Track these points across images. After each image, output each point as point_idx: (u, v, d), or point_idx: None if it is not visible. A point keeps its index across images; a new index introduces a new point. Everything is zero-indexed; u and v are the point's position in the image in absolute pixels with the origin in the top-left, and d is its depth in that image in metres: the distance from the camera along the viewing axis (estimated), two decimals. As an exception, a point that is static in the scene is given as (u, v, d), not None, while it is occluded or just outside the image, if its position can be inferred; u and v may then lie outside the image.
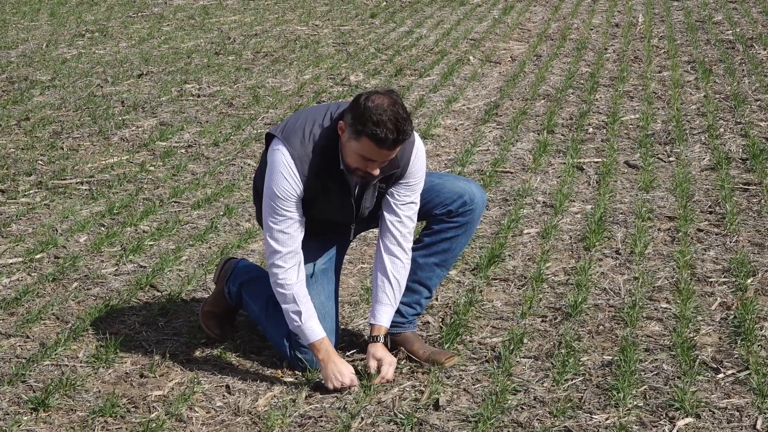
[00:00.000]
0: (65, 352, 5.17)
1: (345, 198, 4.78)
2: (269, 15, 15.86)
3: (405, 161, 4.76)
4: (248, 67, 12.17)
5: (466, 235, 4.97)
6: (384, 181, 4.79)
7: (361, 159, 4.54)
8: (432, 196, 4.89)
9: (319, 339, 4.73)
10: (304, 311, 4.73)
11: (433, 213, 4.92)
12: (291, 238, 4.72)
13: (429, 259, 4.98)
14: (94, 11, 16.39)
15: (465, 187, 4.89)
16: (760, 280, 5.91)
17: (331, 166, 4.68)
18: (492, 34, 14.08)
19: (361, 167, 4.57)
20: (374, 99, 4.46)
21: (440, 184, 4.91)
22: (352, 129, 4.49)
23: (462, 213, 4.89)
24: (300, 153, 4.66)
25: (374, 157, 4.51)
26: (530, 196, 7.41)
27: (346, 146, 4.57)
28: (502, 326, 5.41)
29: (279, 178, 4.66)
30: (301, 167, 4.65)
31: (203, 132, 9.40)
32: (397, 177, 4.80)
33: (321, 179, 4.68)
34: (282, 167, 4.65)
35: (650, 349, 5.08)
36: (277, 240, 4.71)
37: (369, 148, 4.47)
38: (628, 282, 5.92)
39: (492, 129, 9.36)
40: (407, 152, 4.74)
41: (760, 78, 10.89)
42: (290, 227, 4.71)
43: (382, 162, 4.56)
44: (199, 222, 7.08)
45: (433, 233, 4.95)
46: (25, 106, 10.40)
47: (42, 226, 6.99)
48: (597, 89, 10.70)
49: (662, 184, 7.62)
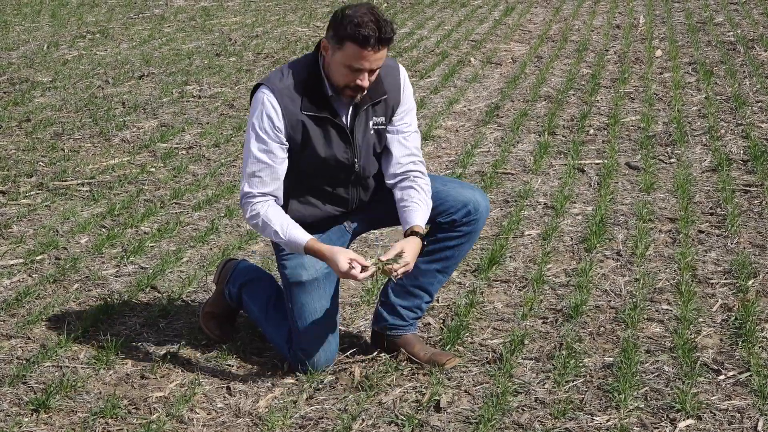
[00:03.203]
0: (66, 354, 5.17)
1: (337, 130, 4.74)
2: (270, 16, 15.86)
3: (395, 87, 4.83)
4: (249, 69, 12.17)
5: (470, 242, 4.95)
6: (380, 114, 4.81)
7: (349, 70, 4.57)
8: (436, 203, 4.85)
9: (306, 243, 4.65)
10: (280, 227, 4.66)
11: (437, 221, 4.89)
12: (262, 183, 4.69)
13: (431, 266, 4.96)
14: (95, 13, 16.39)
15: (470, 197, 4.86)
16: (762, 281, 5.91)
17: (316, 96, 4.69)
18: (493, 35, 14.08)
19: (349, 82, 4.59)
20: (351, 8, 4.55)
21: (445, 191, 4.87)
22: (334, 40, 4.55)
23: (466, 222, 4.86)
24: (280, 87, 4.67)
25: (361, 63, 4.53)
26: (531, 198, 7.41)
27: (332, 63, 4.61)
28: (502, 328, 5.41)
29: (259, 114, 4.67)
30: (282, 100, 4.65)
31: (204, 133, 9.41)
32: (395, 106, 4.85)
33: (307, 112, 4.67)
34: (262, 104, 4.66)
35: (651, 351, 5.08)
36: (250, 183, 4.70)
37: (353, 53, 4.51)
38: (629, 283, 5.92)
39: (493, 130, 9.36)
40: (395, 79, 4.85)
41: (761, 79, 10.88)
42: (263, 171, 4.68)
43: (370, 72, 4.58)
44: (200, 223, 7.08)
45: (437, 241, 4.92)
46: (26, 107, 10.40)
47: (43, 227, 6.99)
48: (598, 91, 10.70)
49: (663, 185, 7.62)
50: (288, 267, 4.88)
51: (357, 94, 4.67)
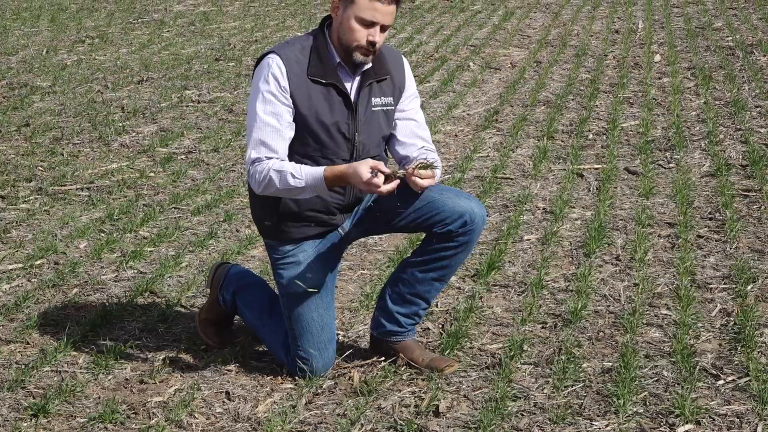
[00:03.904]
0: (65, 358, 5.16)
1: (342, 98, 4.75)
2: (269, 21, 15.88)
3: (399, 68, 4.91)
4: (248, 74, 12.17)
5: (466, 252, 4.92)
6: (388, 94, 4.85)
7: (361, 26, 4.62)
8: (432, 213, 4.81)
9: (324, 173, 4.58)
10: (293, 168, 4.59)
11: (433, 231, 4.85)
12: (268, 148, 4.65)
13: (428, 275, 4.93)
14: (95, 17, 16.40)
15: (466, 206, 4.81)
16: (761, 286, 5.91)
17: (322, 63, 4.72)
18: (492, 40, 14.09)
19: (361, 39, 4.63)
20: None
21: (441, 201, 4.82)
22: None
23: (463, 233, 4.83)
24: (287, 52, 4.71)
25: (373, 14, 4.59)
26: (530, 203, 7.42)
27: (343, 22, 4.66)
28: (502, 332, 5.41)
29: (265, 76, 4.68)
30: (288, 64, 4.67)
31: (203, 138, 9.41)
32: (401, 87, 4.91)
33: (312, 77, 4.69)
34: (268, 66, 4.69)
35: (650, 356, 5.08)
36: (256, 149, 4.66)
37: (365, 5, 4.58)
38: (628, 288, 5.92)
39: (492, 135, 9.37)
40: (398, 61, 4.94)
41: (760, 84, 10.89)
42: (270, 135, 4.66)
43: (381, 28, 4.63)
44: (199, 228, 7.08)
45: (433, 251, 4.89)
46: (25, 112, 10.40)
47: (42, 232, 6.99)
48: (597, 95, 10.71)
49: (662, 190, 7.62)
50: (285, 277, 4.88)
51: (369, 55, 4.70)
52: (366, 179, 4.44)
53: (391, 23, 4.70)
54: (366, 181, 4.45)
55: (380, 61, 4.83)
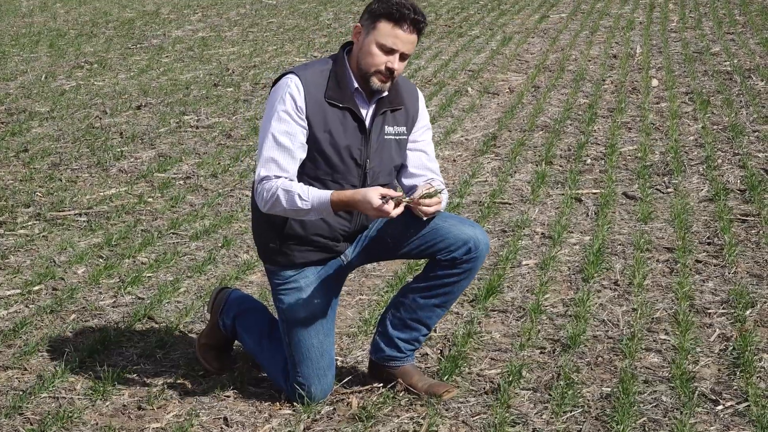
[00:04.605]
0: (63, 384, 5.16)
1: (357, 123, 4.77)
2: (268, 46, 15.90)
3: (414, 99, 4.96)
4: (247, 99, 12.20)
5: (469, 279, 4.92)
6: (401, 123, 4.88)
7: (381, 52, 4.67)
8: (436, 240, 4.83)
9: (331, 197, 4.57)
10: (301, 190, 4.59)
11: (437, 258, 4.86)
12: (279, 167, 4.65)
13: (430, 300, 4.93)
14: (93, 43, 16.43)
15: (470, 234, 4.81)
16: (759, 311, 5.90)
17: (340, 87, 4.75)
18: (490, 65, 14.11)
19: (380, 64, 4.67)
20: None
21: (445, 228, 4.83)
22: (368, 21, 4.69)
23: (467, 260, 4.83)
24: (305, 74, 4.74)
25: (393, 41, 4.66)
26: (528, 228, 7.42)
27: (363, 47, 4.71)
28: (500, 358, 5.40)
29: (282, 96, 4.70)
30: (306, 85, 4.70)
31: (202, 163, 9.41)
32: (415, 116, 4.94)
33: (330, 100, 4.71)
34: (286, 86, 4.71)
35: (649, 381, 5.07)
36: (266, 167, 4.66)
37: (387, 31, 4.65)
38: (627, 313, 5.92)
39: (490, 160, 9.37)
40: (413, 93, 4.99)
41: (757, 109, 10.91)
42: (282, 155, 4.66)
43: (401, 56, 4.69)
44: (198, 253, 7.08)
45: (436, 277, 4.89)
46: (24, 137, 10.41)
47: (40, 257, 6.99)
48: (595, 120, 10.72)
49: (660, 215, 7.62)
50: (285, 302, 4.88)
51: (386, 82, 4.73)
52: (377, 206, 4.45)
53: (411, 53, 4.75)
54: (377, 207, 4.46)
55: (396, 91, 4.88)
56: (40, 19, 18.84)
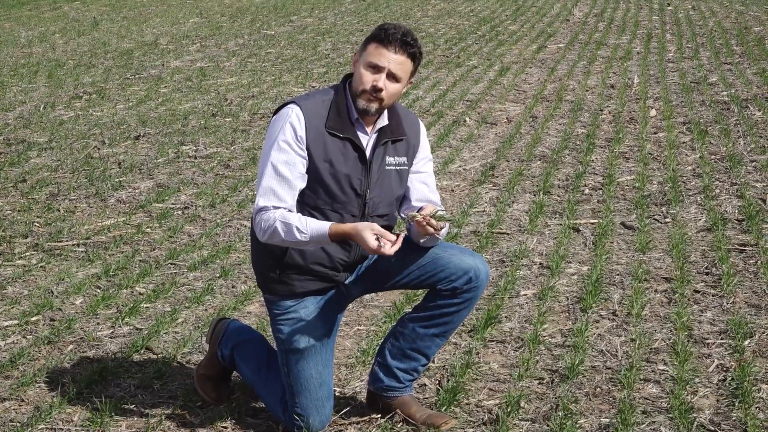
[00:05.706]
0: (60, 416, 5.14)
1: (357, 153, 4.78)
2: (266, 77, 15.93)
3: (415, 130, 5.00)
4: (245, 129, 12.21)
5: (468, 309, 4.93)
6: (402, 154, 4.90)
7: (368, 70, 4.71)
8: (437, 270, 4.84)
9: (329, 229, 4.60)
10: (298, 221, 4.61)
11: (438, 287, 4.87)
12: (278, 198, 4.67)
13: (429, 330, 4.93)
14: (92, 73, 16.45)
15: (471, 263, 4.84)
16: (758, 341, 5.90)
17: (341, 117, 4.77)
18: (488, 95, 14.14)
19: (367, 83, 4.70)
20: None
21: (446, 257, 4.85)
22: (361, 48, 4.77)
23: (467, 290, 4.84)
24: (307, 104, 4.77)
25: (379, 59, 4.70)
26: (526, 258, 7.42)
27: (356, 71, 4.76)
28: (498, 388, 5.40)
29: (282, 125, 4.72)
30: (307, 115, 4.72)
31: (200, 194, 9.42)
32: (416, 147, 4.98)
33: (330, 130, 4.73)
34: (287, 116, 4.73)
35: (648, 412, 5.06)
36: (265, 197, 4.68)
37: (374, 50, 4.71)
38: (625, 344, 5.91)
39: (488, 190, 9.38)
40: (415, 124, 5.03)
41: (755, 139, 10.92)
42: (281, 185, 4.67)
43: (389, 75, 4.71)
44: (196, 284, 7.07)
45: (436, 307, 4.90)
46: (22, 168, 10.41)
47: (38, 288, 6.98)
48: (593, 150, 10.73)
49: (658, 245, 7.62)
50: (284, 333, 4.87)
51: (372, 102, 4.74)
52: (373, 247, 4.48)
53: (401, 74, 4.76)
54: (373, 249, 4.49)
55: (397, 122, 4.91)
56: (38, 49, 18.87)
